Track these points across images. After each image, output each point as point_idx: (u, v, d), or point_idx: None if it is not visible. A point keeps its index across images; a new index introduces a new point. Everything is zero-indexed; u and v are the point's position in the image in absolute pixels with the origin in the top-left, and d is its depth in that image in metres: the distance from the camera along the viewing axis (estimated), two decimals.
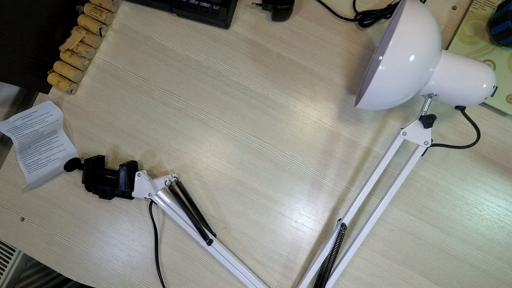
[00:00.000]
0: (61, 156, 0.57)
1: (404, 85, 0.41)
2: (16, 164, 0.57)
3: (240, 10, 0.58)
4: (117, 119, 0.57)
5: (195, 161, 0.56)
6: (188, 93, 0.57)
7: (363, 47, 0.56)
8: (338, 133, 0.55)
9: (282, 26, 0.57)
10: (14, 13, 0.47)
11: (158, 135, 0.57)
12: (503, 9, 0.50)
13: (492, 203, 0.54)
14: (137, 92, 0.57)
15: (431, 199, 0.54)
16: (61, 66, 0.56)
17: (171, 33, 0.58)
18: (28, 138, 0.57)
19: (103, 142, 0.57)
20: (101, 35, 0.57)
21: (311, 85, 0.56)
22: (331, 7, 0.56)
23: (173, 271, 0.55)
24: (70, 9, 0.57)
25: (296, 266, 0.55)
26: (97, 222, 0.56)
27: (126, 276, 0.56)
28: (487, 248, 0.53)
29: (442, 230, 0.54)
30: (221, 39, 0.57)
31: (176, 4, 0.54)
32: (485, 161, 0.54)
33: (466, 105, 0.45)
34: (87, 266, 0.56)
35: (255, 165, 0.56)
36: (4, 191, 0.58)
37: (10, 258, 0.71)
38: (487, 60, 0.53)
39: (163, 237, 0.56)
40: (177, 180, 0.53)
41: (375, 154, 0.55)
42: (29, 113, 0.57)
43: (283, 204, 0.55)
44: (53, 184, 0.57)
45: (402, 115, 0.55)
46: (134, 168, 0.55)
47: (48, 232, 0.57)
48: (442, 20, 0.56)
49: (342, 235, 0.48)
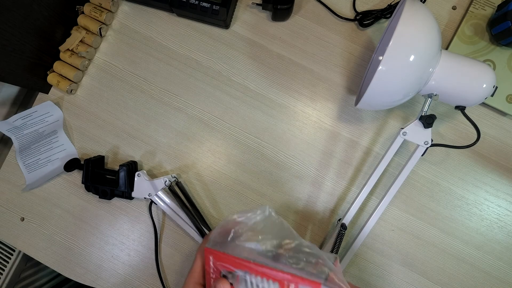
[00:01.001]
0: (61, 157, 0.57)
1: (404, 85, 0.41)
2: (16, 164, 0.57)
3: (240, 10, 0.58)
4: (117, 119, 0.57)
5: (195, 161, 0.56)
6: (188, 93, 0.57)
7: (363, 47, 0.56)
8: (338, 133, 0.55)
9: (282, 26, 0.57)
10: (14, 13, 0.47)
11: (158, 135, 0.57)
12: (503, 9, 0.50)
13: (492, 203, 0.54)
14: (137, 92, 0.57)
15: (431, 199, 0.54)
16: (61, 66, 0.56)
17: (171, 33, 0.58)
18: (28, 138, 0.57)
19: (103, 142, 0.57)
20: (101, 35, 0.57)
21: (311, 85, 0.56)
22: (331, 7, 0.56)
23: (173, 271, 0.55)
24: (70, 9, 0.57)
25: None
26: (97, 222, 0.56)
27: (126, 276, 0.56)
28: (487, 248, 0.53)
29: (442, 230, 0.54)
30: (221, 39, 0.57)
31: (176, 4, 0.54)
32: (485, 161, 0.54)
33: (466, 105, 0.45)
34: (87, 266, 0.56)
35: (255, 165, 0.56)
36: (4, 191, 0.58)
37: (10, 258, 0.71)
38: (487, 60, 0.53)
39: (163, 237, 0.56)
40: (176, 180, 0.53)
41: (375, 154, 0.55)
42: (29, 113, 0.57)
43: (283, 204, 0.55)
44: (53, 184, 0.57)
45: (402, 115, 0.55)
46: (134, 168, 0.55)
47: (48, 232, 0.57)
48: (442, 20, 0.56)
49: (342, 235, 0.48)
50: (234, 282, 0.34)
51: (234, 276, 0.34)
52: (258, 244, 0.35)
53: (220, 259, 0.35)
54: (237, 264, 0.34)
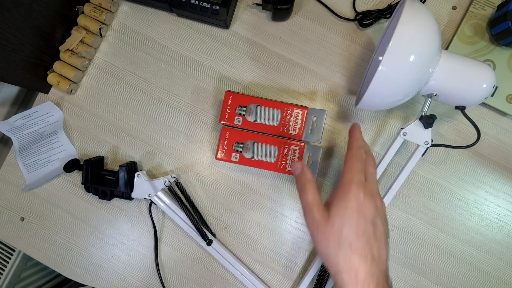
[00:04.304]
0: (60, 157, 0.57)
1: (404, 85, 0.41)
2: (16, 164, 0.57)
3: (240, 10, 0.58)
4: (117, 119, 0.57)
5: (195, 161, 0.56)
6: (188, 93, 0.57)
7: (363, 47, 0.56)
8: (338, 133, 0.55)
9: (282, 26, 0.57)
10: (14, 13, 0.47)
11: (158, 135, 0.57)
12: (503, 9, 0.50)
13: (492, 203, 0.54)
14: (137, 92, 0.57)
15: (431, 199, 0.54)
16: (61, 66, 0.56)
17: (171, 33, 0.58)
18: (28, 138, 0.57)
19: (103, 142, 0.57)
20: (101, 35, 0.57)
21: (311, 85, 0.56)
22: (331, 7, 0.56)
23: (173, 271, 0.55)
24: (70, 9, 0.57)
25: (296, 266, 0.55)
26: (97, 222, 0.56)
27: (126, 276, 0.56)
28: (487, 248, 0.53)
29: (442, 230, 0.54)
30: (221, 39, 0.57)
31: (176, 4, 0.54)
32: (485, 161, 0.54)
33: (466, 105, 0.45)
34: (87, 266, 0.56)
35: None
36: (4, 191, 0.58)
37: (10, 258, 0.71)
38: (487, 60, 0.53)
39: (163, 237, 0.56)
40: (176, 180, 0.53)
41: (375, 154, 0.55)
42: (29, 113, 0.57)
43: (283, 204, 0.55)
44: (53, 184, 0.57)
45: (402, 115, 0.55)
46: (133, 169, 0.55)
47: (48, 232, 0.57)
48: (442, 20, 0.56)
49: None
50: (246, 114, 0.50)
51: (247, 109, 0.50)
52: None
53: (238, 97, 0.50)
54: (250, 100, 0.50)
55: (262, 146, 0.50)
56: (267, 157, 0.50)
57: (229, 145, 0.50)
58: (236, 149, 0.50)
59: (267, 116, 0.50)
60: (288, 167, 0.50)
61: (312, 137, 0.51)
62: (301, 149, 0.50)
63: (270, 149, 0.50)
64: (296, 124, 0.50)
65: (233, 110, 0.50)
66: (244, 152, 0.50)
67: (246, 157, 0.50)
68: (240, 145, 0.50)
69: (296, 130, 0.50)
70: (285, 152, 0.50)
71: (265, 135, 0.50)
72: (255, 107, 0.50)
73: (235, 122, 0.50)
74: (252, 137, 0.50)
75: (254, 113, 0.49)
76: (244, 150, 0.50)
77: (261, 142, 0.50)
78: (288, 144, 0.50)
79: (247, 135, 0.50)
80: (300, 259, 0.55)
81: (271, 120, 0.50)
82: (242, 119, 0.50)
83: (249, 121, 0.50)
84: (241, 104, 0.50)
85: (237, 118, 0.50)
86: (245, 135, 0.50)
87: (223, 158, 0.51)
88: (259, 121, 0.50)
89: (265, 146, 0.50)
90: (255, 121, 0.50)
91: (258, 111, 0.50)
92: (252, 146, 0.50)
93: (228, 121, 0.50)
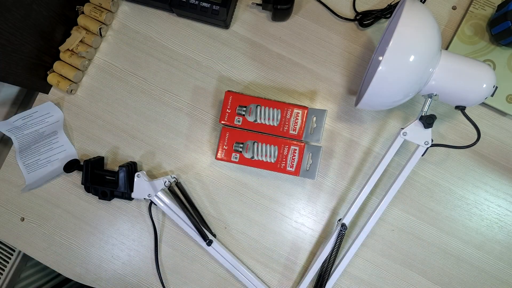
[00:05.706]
0: (60, 157, 0.57)
1: (404, 85, 0.41)
2: (16, 164, 0.57)
3: (240, 10, 0.58)
4: (117, 119, 0.57)
5: (195, 161, 0.56)
6: (188, 93, 0.57)
7: (363, 47, 0.56)
8: (338, 133, 0.55)
9: (282, 26, 0.57)
10: (14, 13, 0.47)
11: (158, 135, 0.57)
12: (503, 9, 0.50)
13: (492, 203, 0.54)
14: (137, 92, 0.57)
15: (431, 199, 0.54)
16: (61, 66, 0.56)
17: (171, 33, 0.58)
18: (28, 139, 0.57)
19: (103, 142, 0.57)
20: (101, 35, 0.57)
21: (311, 85, 0.56)
22: (331, 7, 0.56)
23: (173, 271, 0.55)
24: (70, 9, 0.57)
25: (296, 266, 0.55)
26: (97, 222, 0.56)
27: (126, 276, 0.56)
28: (487, 248, 0.53)
29: (442, 230, 0.54)
30: (221, 39, 0.57)
31: (176, 4, 0.54)
32: (485, 161, 0.54)
33: (466, 105, 0.45)
34: (87, 266, 0.56)
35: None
36: (4, 191, 0.58)
37: (10, 258, 0.71)
38: (487, 60, 0.53)
39: (163, 237, 0.56)
40: (176, 180, 0.53)
41: (375, 154, 0.55)
42: (29, 113, 0.57)
43: (283, 204, 0.55)
44: (53, 184, 0.57)
45: (402, 115, 0.55)
46: (133, 169, 0.55)
47: (48, 232, 0.57)
48: (442, 20, 0.56)
49: (342, 235, 0.48)
50: (246, 114, 0.50)
51: (247, 109, 0.50)
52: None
53: (238, 97, 0.50)
54: (250, 100, 0.50)
55: (262, 146, 0.50)
56: (267, 157, 0.50)
57: (229, 145, 0.50)
58: (236, 149, 0.50)
59: (267, 116, 0.50)
60: (288, 167, 0.50)
61: (312, 137, 0.51)
62: (301, 149, 0.50)
63: (270, 149, 0.50)
64: (296, 124, 0.50)
65: (233, 110, 0.50)
66: (244, 152, 0.50)
67: (246, 157, 0.50)
68: (240, 145, 0.50)
69: (296, 130, 0.50)
70: (285, 152, 0.50)
71: (265, 135, 0.50)
72: (255, 107, 0.50)
73: (235, 122, 0.50)
74: (252, 137, 0.50)
75: (254, 113, 0.50)
76: (244, 150, 0.50)
77: (261, 142, 0.50)
78: (288, 144, 0.50)
79: (247, 135, 0.50)
80: (300, 259, 0.55)
81: (271, 120, 0.50)
82: (242, 119, 0.50)
83: (249, 121, 0.50)
84: (241, 104, 0.50)
85: (237, 118, 0.50)
86: (245, 135, 0.50)
87: (223, 158, 0.51)
88: (259, 121, 0.50)
89: (265, 146, 0.50)
90: (255, 121, 0.50)
91: (258, 111, 0.50)
92: (252, 146, 0.50)
93: (228, 121, 0.50)
